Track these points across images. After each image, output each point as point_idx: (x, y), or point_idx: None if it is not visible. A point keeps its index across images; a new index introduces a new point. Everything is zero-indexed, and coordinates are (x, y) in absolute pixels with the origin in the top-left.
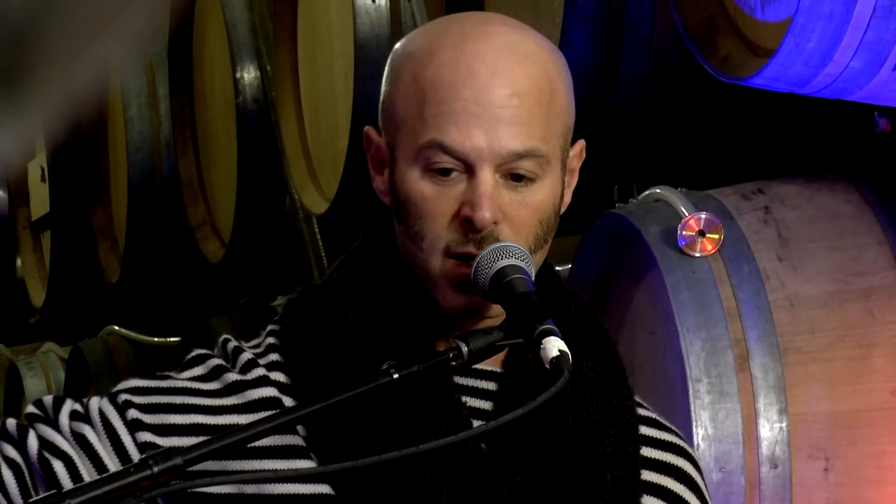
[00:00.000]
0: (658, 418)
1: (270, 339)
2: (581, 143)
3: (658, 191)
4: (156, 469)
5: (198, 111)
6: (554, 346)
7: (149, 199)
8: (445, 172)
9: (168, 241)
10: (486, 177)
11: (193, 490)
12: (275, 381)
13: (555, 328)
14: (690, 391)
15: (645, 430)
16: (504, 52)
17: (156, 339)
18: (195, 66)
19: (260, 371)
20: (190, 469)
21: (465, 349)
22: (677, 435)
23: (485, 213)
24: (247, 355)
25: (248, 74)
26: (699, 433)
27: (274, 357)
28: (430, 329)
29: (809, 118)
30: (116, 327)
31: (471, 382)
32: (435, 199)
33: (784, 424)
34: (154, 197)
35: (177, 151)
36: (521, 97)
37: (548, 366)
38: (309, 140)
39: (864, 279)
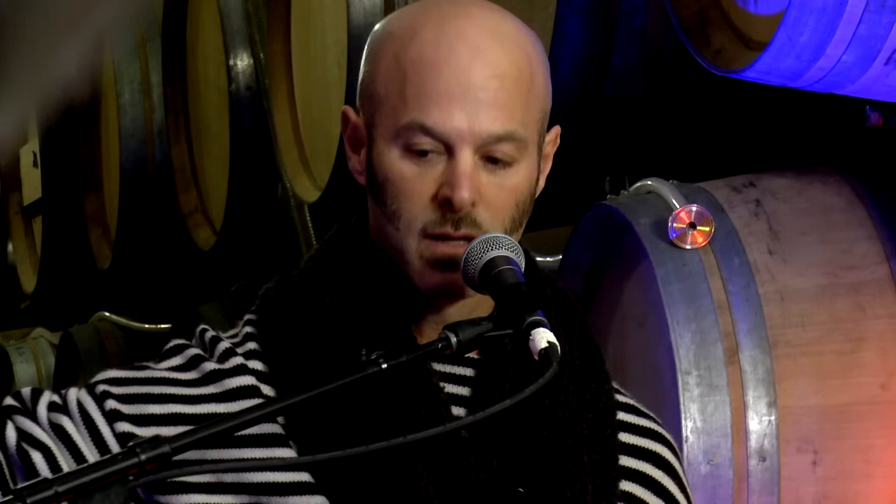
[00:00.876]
0: (636, 404)
1: (248, 328)
2: (556, 129)
3: (649, 183)
4: (143, 457)
5: (191, 98)
6: (543, 337)
7: (141, 186)
8: (424, 153)
9: (159, 228)
10: (466, 157)
11: (176, 479)
12: (252, 369)
13: (544, 319)
14: (680, 383)
15: (623, 415)
16: (486, 32)
17: (146, 326)
18: (188, 54)
19: (237, 360)
20: (173, 458)
21: (454, 340)
22: (655, 421)
23: (464, 194)
24: (224, 344)
25: (242, 62)
26: (688, 425)
27: (251, 346)
28: (407, 313)
29: (801, 112)
30: (107, 313)
31: (448, 369)
32: (413, 179)
33: (773, 417)
34: (146, 184)
35: (169, 138)
36: (501, 79)
37: (536, 357)
38: (301, 128)
39: (855, 273)
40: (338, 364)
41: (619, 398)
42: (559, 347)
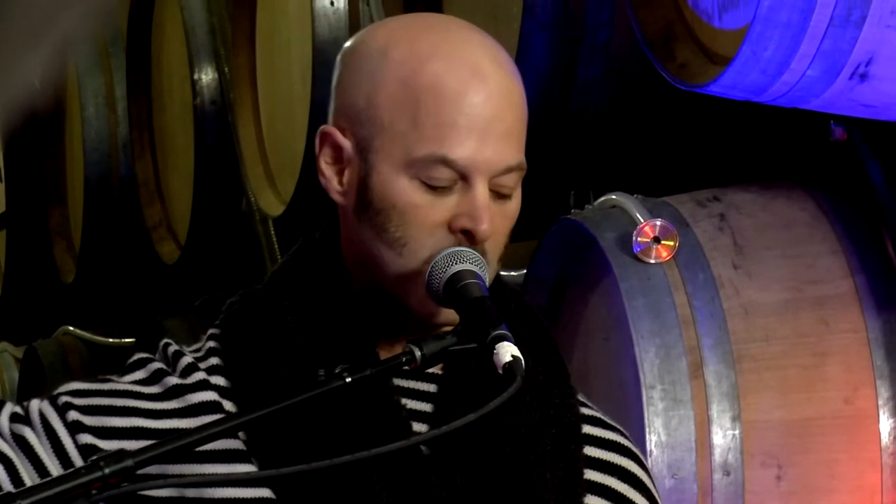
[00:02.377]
0: (602, 417)
1: (211, 343)
2: None
3: (614, 197)
4: (107, 471)
5: (155, 112)
6: (507, 351)
7: (105, 200)
8: (442, 184)
9: (124, 242)
10: (483, 189)
11: (140, 493)
12: (215, 385)
13: (508, 334)
14: (644, 398)
15: (588, 429)
16: (492, 61)
17: (110, 340)
18: (153, 68)
19: (200, 375)
20: (137, 472)
21: (418, 353)
22: (622, 434)
23: (485, 226)
24: (187, 359)
25: (206, 76)
26: (652, 440)
27: (214, 361)
28: (374, 332)
29: (766, 126)
30: (71, 328)
31: (411, 384)
32: (426, 208)
33: (737, 432)
34: (110, 198)
35: (134, 152)
36: (512, 109)
37: (501, 371)
38: (266, 142)
39: (819, 287)
40: (297, 384)
41: (585, 411)
42: (523, 362)
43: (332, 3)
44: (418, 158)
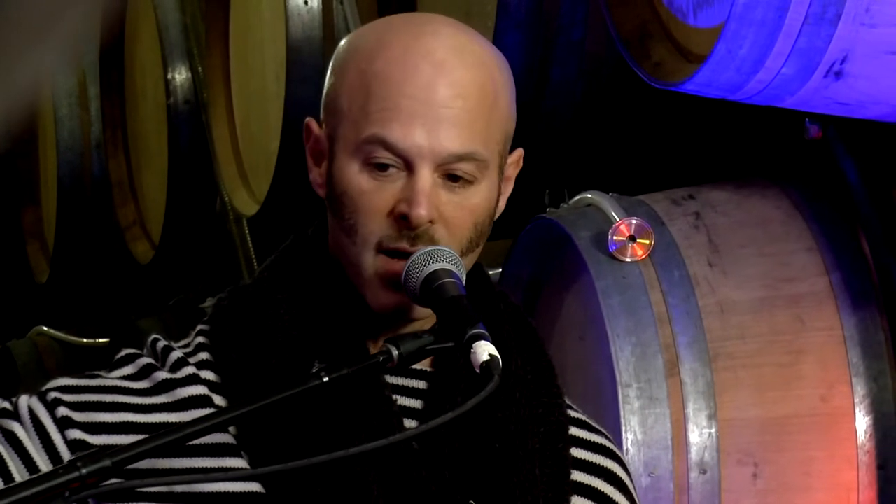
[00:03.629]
0: (587, 420)
1: (200, 339)
2: (519, 152)
3: (589, 196)
4: (84, 471)
5: (129, 112)
6: (484, 350)
7: (79, 200)
8: (384, 168)
9: (98, 242)
10: (425, 175)
11: (125, 488)
12: (204, 379)
13: (485, 332)
14: (620, 396)
15: (575, 431)
16: (451, 52)
17: (84, 340)
18: (127, 67)
19: (190, 369)
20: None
21: (395, 353)
22: (606, 437)
23: (421, 211)
24: (176, 354)
25: (180, 76)
26: (628, 438)
27: (203, 356)
28: (361, 327)
29: (741, 124)
30: (45, 328)
31: (401, 381)
32: (371, 193)
33: (713, 430)
34: (84, 197)
35: (107, 152)
36: (465, 98)
37: (478, 370)
38: (240, 142)
39: (794, 285)
40: (290, 376)
41: (571, 413)
42: (501, 360)
43: (305, 3)
44: (362, 140)
